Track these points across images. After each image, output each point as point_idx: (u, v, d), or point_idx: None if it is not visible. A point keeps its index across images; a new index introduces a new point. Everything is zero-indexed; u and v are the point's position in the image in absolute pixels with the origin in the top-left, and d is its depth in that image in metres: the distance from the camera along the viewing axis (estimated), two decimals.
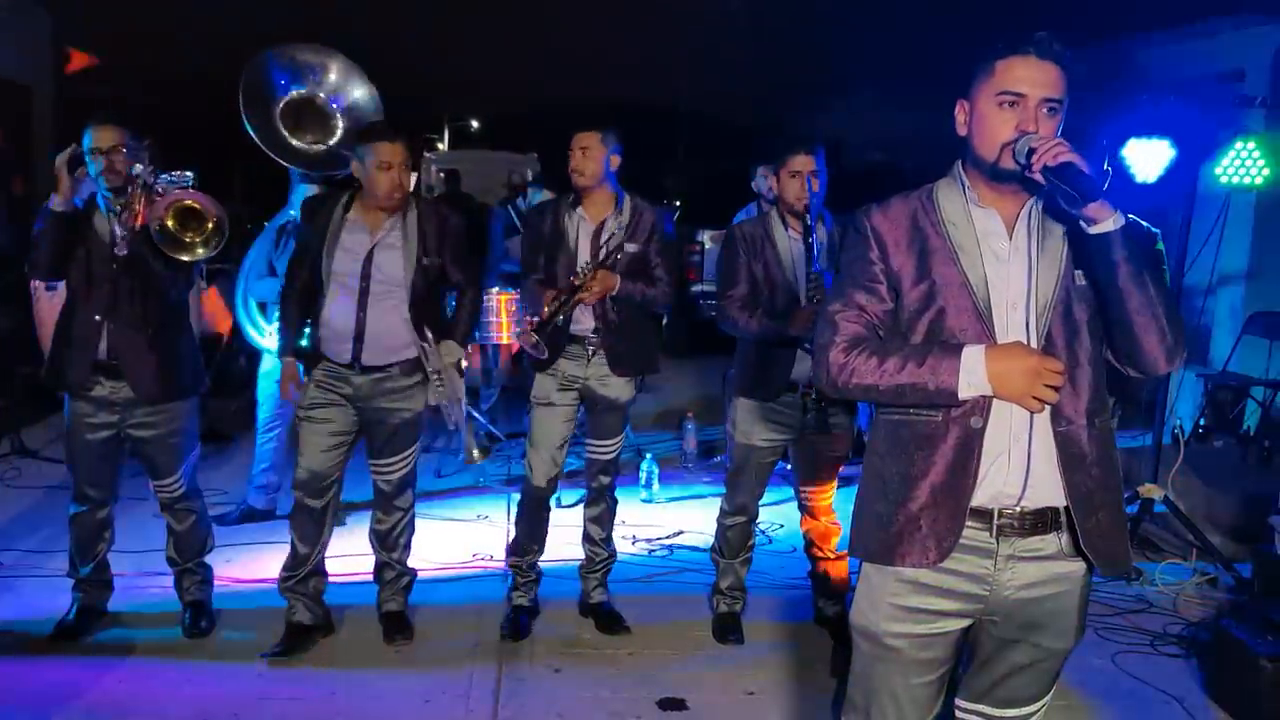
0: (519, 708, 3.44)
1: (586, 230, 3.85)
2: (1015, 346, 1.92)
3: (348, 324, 3.66)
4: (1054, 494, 1.99)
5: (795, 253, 3.69)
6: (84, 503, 3.77)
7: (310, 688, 3.53)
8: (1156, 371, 1.97)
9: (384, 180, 3.61)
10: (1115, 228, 1.85)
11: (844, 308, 2.05)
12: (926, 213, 2.04)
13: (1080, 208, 1.85)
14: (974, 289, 1.98)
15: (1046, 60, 1.93)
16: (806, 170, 3.63)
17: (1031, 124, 1.92)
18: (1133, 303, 1.89)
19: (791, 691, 3.60)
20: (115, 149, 3.53)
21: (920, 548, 2.00)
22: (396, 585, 3.99)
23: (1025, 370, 1.88)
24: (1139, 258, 1.88)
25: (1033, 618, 2.05)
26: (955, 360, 1.91)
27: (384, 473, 3.87)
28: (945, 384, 1.91)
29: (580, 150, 3.77)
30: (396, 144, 3.61)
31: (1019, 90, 1.93)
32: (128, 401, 3.64)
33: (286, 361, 3.83)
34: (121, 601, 4.02)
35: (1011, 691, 2.15)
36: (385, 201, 3.65)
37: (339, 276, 3.67)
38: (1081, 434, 1.98)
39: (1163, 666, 3.82)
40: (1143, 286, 1.89)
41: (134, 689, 3.49)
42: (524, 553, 4.04)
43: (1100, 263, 1.90)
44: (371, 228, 3.70)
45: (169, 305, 3.70)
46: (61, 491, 4.47)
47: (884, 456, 2.08)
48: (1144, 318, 1.90)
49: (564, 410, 3.91)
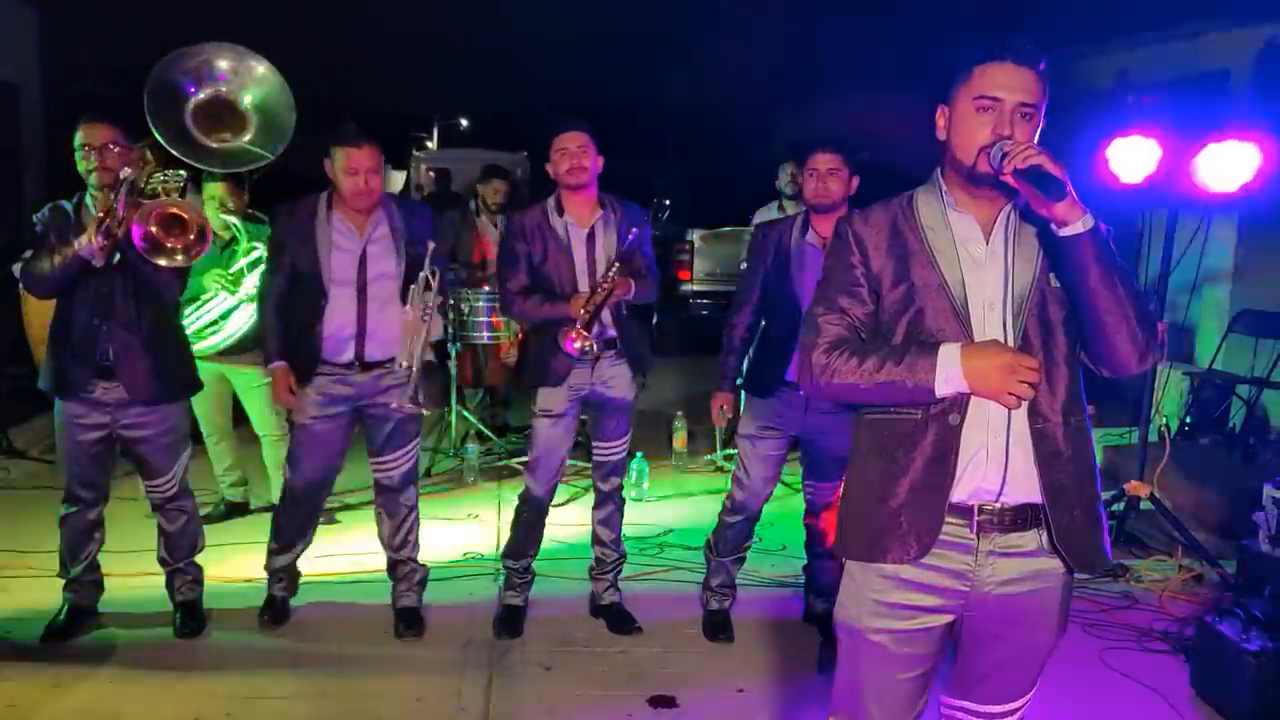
0: (511, 706, 3.45)
1: (578, 234, 3.83)
2: (990, 344, 1.95)
3: (350, 324, 3.69)
4: (1032, 490, 2.02)
5: (806, 254, 3.70)
6: (75, 503, 3.77)
7: (302, 687, 3.53)
8: (1128, 371, 2.01)
9: (348, 184, 3.63)
10: (1084, 230, 1.89)
11: (827, 310, 2.09)
12: (906, 218, 2.08)
13: (1047, 208, 1.89)
14: (951, 291, 2.02)
15: (1023, 65, 1.97)
16: (824, 169, 3.65)
17: (1007, 128, 1.95)
18: (1103, 304, 1.93)
19: (782, 689, 3.62)
20: (107, 146, 3.52)
21: (901, 544, 2.04)
22: (411, 580, 4.04)
23: (1000, 366, 1.91)
24: (1108, 260, 1.92)
25: (1015, 613, 2.08)
26: (932, 358, 1.94)
27: (387, 468, 3.89)
28: (923, 381, 1.94)
29: (578, 148, 3.74)
30: (363, 149, 3.62)
31: (995, 95, 1.96)
32: (120, 402, 3.64)
33: (279, 368, 3.77)
34: (112, 602, 4.02)
35: (996, 687, 2.18)
36: (352, 205, 3.68)
37: (338, 278, 3.69)
38: (1057, 431, 2.02)
39: (1149, 662, 3.85)
40: (1112, 288, 1.92)
41: (126, 689, 3.50)
42: (520, 556, 4.06)
43: (1070, 264, 1.94)
44: (359, 226, 3.72)
45: (163, 307, 3.70)
46: (51, 492, 4.46)
47: (866, 455, 2.13)
48: (1114, 318, 1.94)
49: (570, 421, 3.92)
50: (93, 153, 3.51)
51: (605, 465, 4.03)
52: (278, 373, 3.78)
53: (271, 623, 3.97)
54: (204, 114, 3.57)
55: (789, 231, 3.77)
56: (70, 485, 3.75)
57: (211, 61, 3.63)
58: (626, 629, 4.01)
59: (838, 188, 3.65)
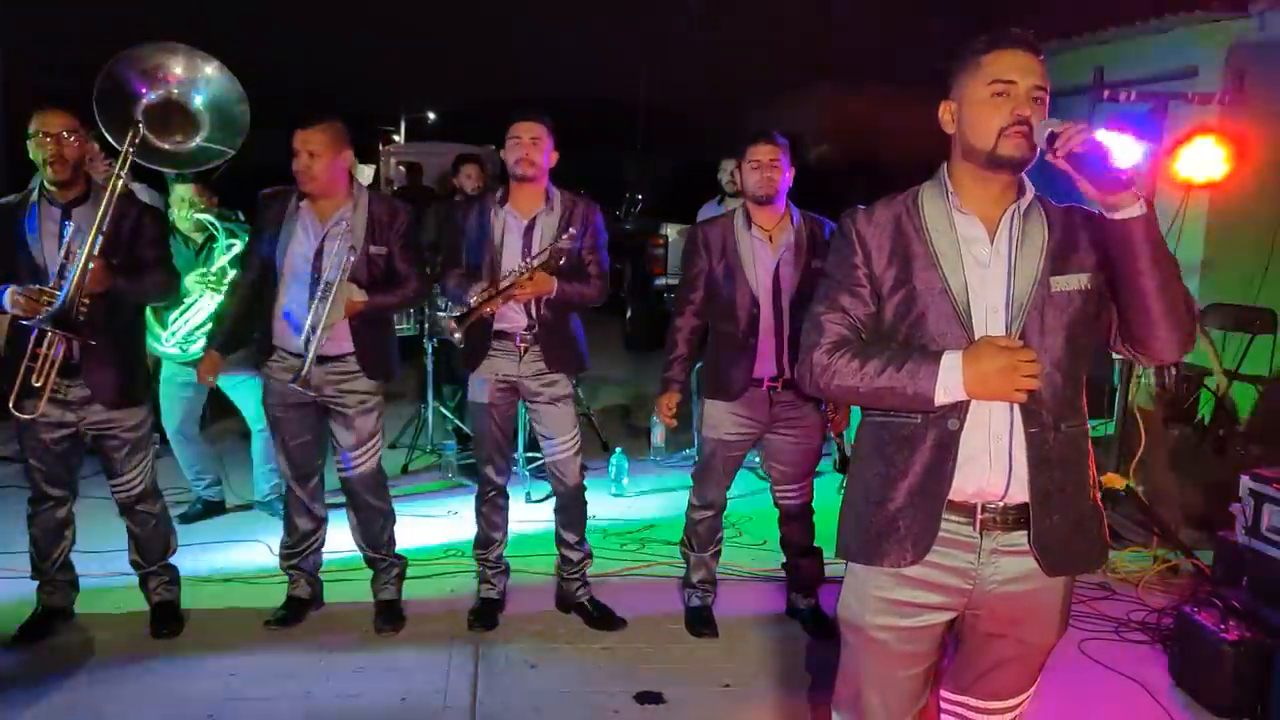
0: (497, 704, 3.43)
1: (515, 226, 3.78)
2: (985, 347, 1.92)
3: (302, 314, 3.65)
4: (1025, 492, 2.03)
5: (755, 252, 3.71)
6: (43, 502, 3.70)
7: (285, 687, 3.50)
8: (1166, 358, 2.00)
9: (293, 165, 3.60)
10: (1140, 213, 1.84)
11: (828, 310, 2.08)
12: (910, 217, 2.07)
13: (1102, 191, 1.83)
14: (954, 295, 2.01)
15: (1029, 52, 1.98)
16: (767, 160, 3.66)
17: (1025, 108, 1.94)
18: (1152, 289, 1.89)
19: (767, 683, 3.63)
20: (63, 134, 3.42)
21: (898, 548, 2.05)
22: (389, 574, 4.02)
23: (1000, 369, 1.89)
24: (1158, 243, 1.87)
25: (1016, 612, 2.09)
26: (934, 366, 1.93)
27: (346, 467, 3.85)
28: (923, 390, 1.93)
29: (530, 140, 3.71)
30: (308, 131, 3.58)
31: (1010, 78, 1.96)
32: (83, 400, 3.58)
33: (208, 355, 3.83)
34: (88, 602, 3.95)
35: (996, 684, 2.20)
36: (302, 187, 3.64)
37: (291, 268, 3.67)
38: (1049, 436, 2.02)
39: (1128, 652, 3.90)
40: (1162, 272, 1.88)
41: (107, 690, 3.45)
42: (487, 545, 4.07)
43: (1121, 248, 1.89)
44: (321, 218, 3.68)
45: (128, 310, 3.66)
46: (17, 491, 4.38)
47: (866, 458, 2.13)
48: (1162, 304, 1.90)
49: (501, 408, 3.91)
50: (49, 140, 3.41)
51: (554, 464, 3.99)
52: (206, 358, 3.83)
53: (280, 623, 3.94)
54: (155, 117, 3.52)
55: (731, 229, 3.75)
56: (37, 484, 3.69)
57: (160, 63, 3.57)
58: (608, 624, 4.00)
59: (780, 179, 3.67)
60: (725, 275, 3.74)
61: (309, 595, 4.04)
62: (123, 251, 3.52)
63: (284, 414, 3.81)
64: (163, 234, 3.75)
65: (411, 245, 3.84)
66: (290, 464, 3.89)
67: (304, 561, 4.01)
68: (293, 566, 4.01)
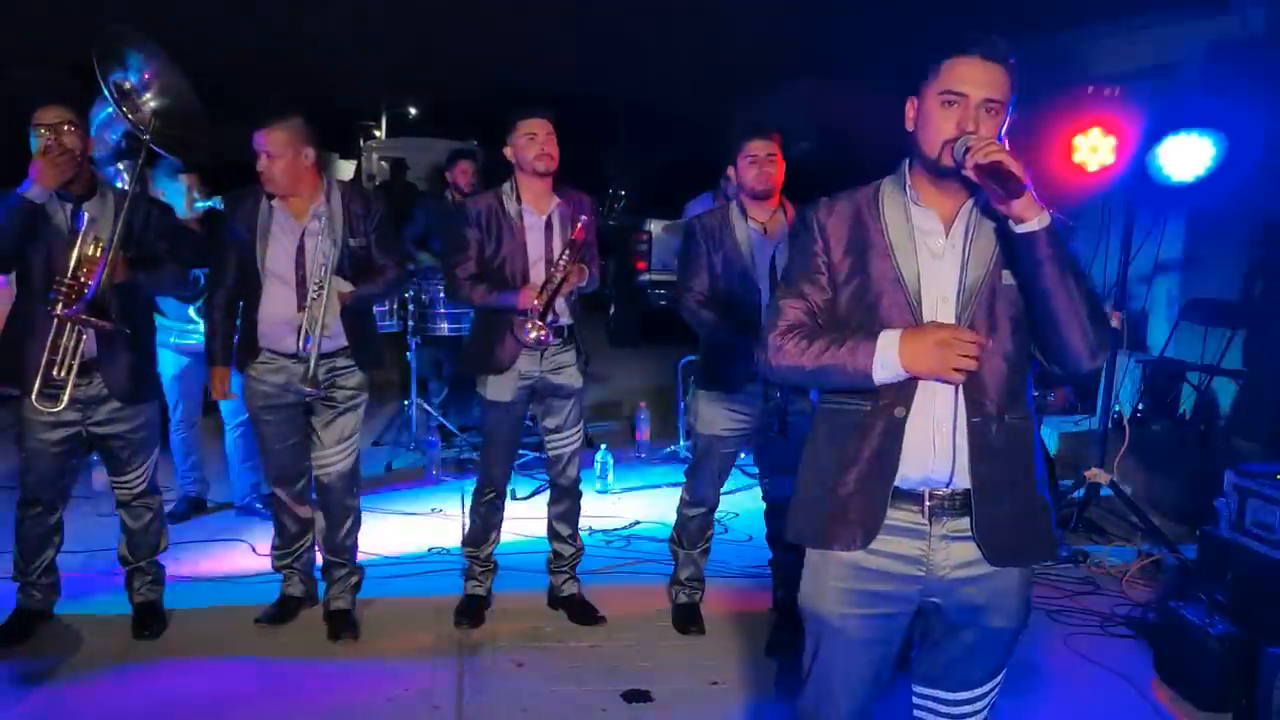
0: (484, 704, 3.41)
1: (536, 223, 3.78)
2: (928, 324, 1.99)
3: (289, 315, 3.62)
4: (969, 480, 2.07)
5: (754, 242, 3.71)
6: (34, 505, 3.66)
7: (270, 686, 3.47)
8: (1080, 369, 2.04)
9: (257, 166, 3.57)
10: (1040, 227, 1.91)
11: (788, 295, 2.14)
12: (869, 209, 2.12)
13: (1005, 204, 1.91)
14: (906, 284, 2.05)
15: (990, 61, 1.98)
16: (764, 155, 3.66)
17: (971, 123, 1.97)
18: (1057, 301, 1.96)
19: (755, 680, 3.62)
20: (62, 126, 3.41)
21: (848, 532, 2.10)
22: (346, 583, 3.95)
23: (936, 342, 1.94)
24: (1063, 258, 1.94)
25: (974, 599, 2.12)
26: (872, 344, 1.99)
27: (325, 464, 3.81)
28: (860, 365, 1.99)
29: (547, 135, 3.70)
30: (265, 131, 3.54)
31: (960, 90, 1.98)
32: (91, 399, 3.54)
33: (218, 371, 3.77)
34: (69, 603, 3.91)
35: (963, 674, 2.23)
36: (266, 187, 3.60)
37: (274, 269, 3.63)
38: (991, 426, 2.05)
39: (1113, 647, 3.91)
40: (1066, 285, 1.95)
41: (90, 690, 3.42)
42: (480, 543, 4.05)
43: (1026, 261, 1.96)
44: (297, 215, 3.65)
45: (143, 303, 3.68)
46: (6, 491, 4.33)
47: (820, 444, 2.18)
48: (1067, 316, 1.96)
49: (518, 407, 3.89)
50: (49, 132, 3.41)
51: (560, 458, 3.99)
52: (216, 374, 3.78)
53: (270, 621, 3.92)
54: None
55: (728, 220, 3.75)
56: (29, 486, 3.64)
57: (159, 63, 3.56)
58: (590, 620, 3.99)
59: (777, 172, 3.67)
60: (724, 266, 3.74)
61: (303, 593, 4.02)
62: (135, 245, 3.56)
63: (271, 416, 3.76)
64: (173, 226, 3.76)
65: (387, 234, 3.83)
66: (277, 467, 3.86)
67: (297, 560, 4.00)
68: (287, 565, 3.99)
